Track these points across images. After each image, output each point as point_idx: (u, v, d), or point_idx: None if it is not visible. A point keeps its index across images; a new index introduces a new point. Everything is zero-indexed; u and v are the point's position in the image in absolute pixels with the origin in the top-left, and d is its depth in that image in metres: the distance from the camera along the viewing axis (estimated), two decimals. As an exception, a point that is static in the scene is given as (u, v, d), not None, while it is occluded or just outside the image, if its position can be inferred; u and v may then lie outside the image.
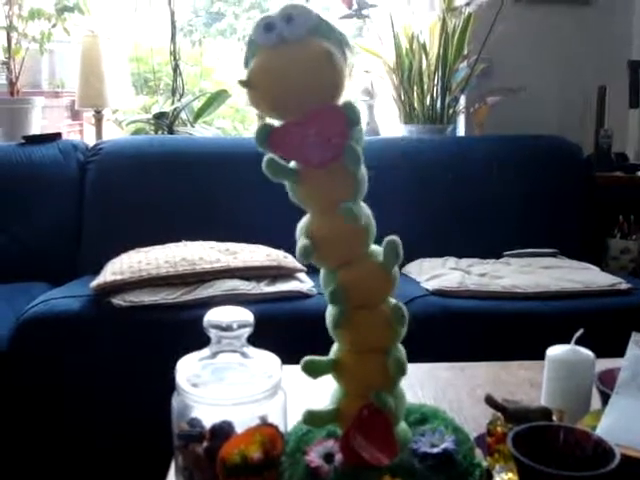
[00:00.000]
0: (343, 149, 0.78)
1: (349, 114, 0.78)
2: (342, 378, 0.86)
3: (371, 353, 0.84)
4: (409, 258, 2.32)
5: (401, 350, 0.86)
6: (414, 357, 0.95)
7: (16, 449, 1.87)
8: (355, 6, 2.68)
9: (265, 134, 0.79)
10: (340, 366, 0.85)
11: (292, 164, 0.81)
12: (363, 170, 0.81)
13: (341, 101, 0.79)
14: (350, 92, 0.80)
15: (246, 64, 0.79)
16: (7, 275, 2.27)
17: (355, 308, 0.83)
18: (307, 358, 0.85)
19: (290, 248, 2.11)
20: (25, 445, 1.87)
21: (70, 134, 3.80)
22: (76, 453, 1.90)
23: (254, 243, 2.20)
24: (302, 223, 0.84)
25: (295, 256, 0.82)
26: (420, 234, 2.36)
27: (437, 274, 2.15)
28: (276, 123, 0.80)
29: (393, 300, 0.85)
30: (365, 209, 0.83)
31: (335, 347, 0.87)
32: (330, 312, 0.84)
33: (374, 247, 0.84)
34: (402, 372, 0.84)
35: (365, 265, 0.83)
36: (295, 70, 0.76)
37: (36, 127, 2.84)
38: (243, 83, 0.77)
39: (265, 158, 0.80)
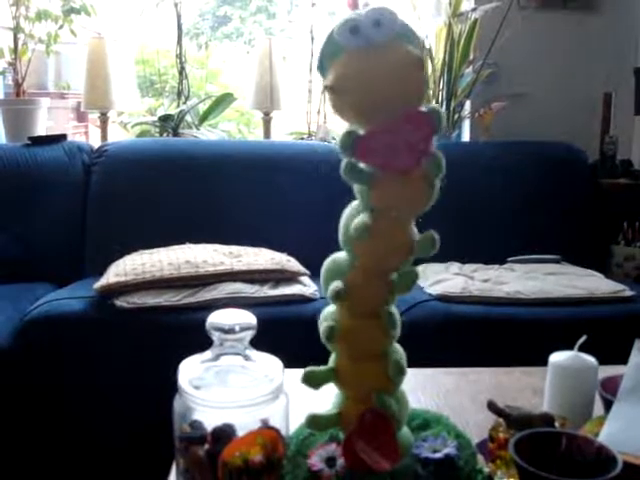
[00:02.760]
0: (427, 156, 0.77)
1: (435, 121, 0.77)
2: (343, 385, 0.86)
3: (369, 359, 0.84)
4: (413, 263, 2.32)
5: (399, 351, 0.86)
6: (417, 362, 0.95)
7: (17, 449, 1.87)
8: (360, 10, 2.68)
9: (351, 141, 0.76)
10: (340, 374, 0.85)
11: (368, 168, 0.79)
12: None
13: (424, 106, 0.78)
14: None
15: (321, 66, 0.77)
16: (11, 275, 2.28)
17: (347, 318, 0.82)
18: (307, 369, 0.85)
19: (294, 252, 2.13)
20: (27, 445, 1.87)
21: (75, 136, 3.82)
22: (77, 454, 1.90)
23: (258, 246, 2.20)
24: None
25: (298, 260, 0.81)
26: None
27: (441, 279, 2.14)
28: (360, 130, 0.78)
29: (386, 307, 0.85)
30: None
31: (333, 355, 0.87)
32: (322, 324, 0.84)
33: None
34: (402, 373, 0.83)
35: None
36: (385, 75, 0.74)
37: (42, 128, 2.85)
38: (328, 87, 0.75)
39: (344, 162, 0.78)
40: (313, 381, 0.84)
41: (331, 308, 0.84)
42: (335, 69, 0.75)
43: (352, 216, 0.82)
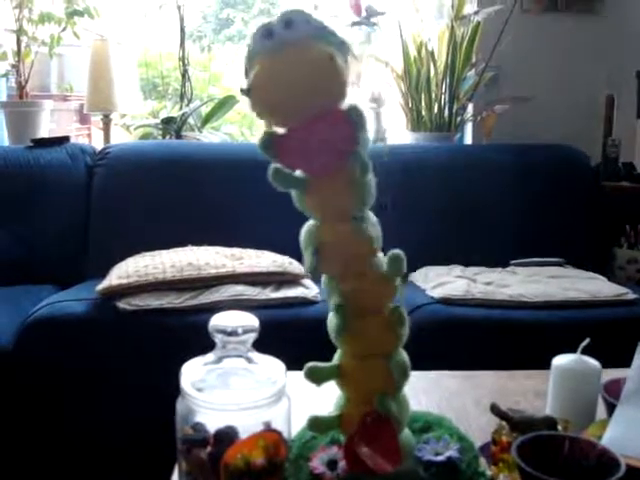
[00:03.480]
0: (349, 155, 0.77)
1: (354, 118, 0.77)
2: (346, 384, 0.86)
3: (374, 358, 0.84)
4: (415, 266, 2.32)
5: (404, 354, 0.86)
6: (419, 365, 0.95)
7: (18, 450, 1.87)
8: (364, 13, 2.69)
9: (269, 142, 0.77)
10: (344, 372, 0.85)
11: (298, 173, 0.80)
12: (371, 177, 0.80)
13: (344, 105, 0.78)
14: (357, 97, 0.79)
15: (247, 73, 0.78)
16: (14, 277, 2.28)
17: (357, 316, 0.82)
18: (310, 364, 0.84)
19: (296, 254, 2.13)
20: (27, 446, 1.87)
21: (78, 138, 3.81)
22: (79, 456, 1.90)
23: (260, 249, 2.21)
24: (306, 231, 0.83)
25: (301, 263, 0.81)
26: (426, 242, 2.36)
27: (443, 282, 2.14)
28: (280, 131, 0.79)
29: (392, 305, 0.84)
30: (372, 219, 0.83)
31: (338, 353, 0.87)
32: (332, 320, 0.84)
33: (379, 256, 0.84)
34: (405, 376, 0.83)
35: (369, 275, 0.82)
36: (296, 75, 0.75)
37: (44, 130, 2.85)
38: (244, 91, 0.76)
39: (271, 167, 0.78)
40: (316, 377, 0.84)
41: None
42: (251, 73, 0.76)
43: (306, 238, 0.82)
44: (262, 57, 0.76)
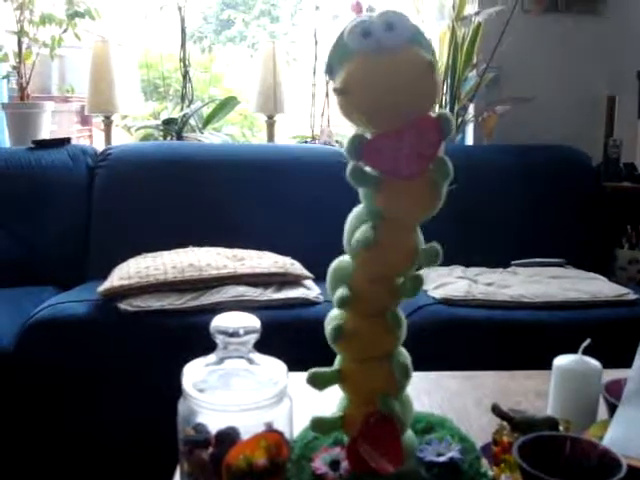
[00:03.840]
0: (434, 162, 0.77)
1: (444, 126, 0.76)
2: (348, 387, 0.86)
3: (375, 361, 0.84)
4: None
5: (404, 354, 0.86)
6: (420, 366, 0.95)
7: (19, 451, 1.87)
8: (365, 13, 2.69)
9: (358, 145, 0.76)
10: (345, 376, 0.85)
11: (375, 172, 0.78)
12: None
13: (434, 112, 0.77)
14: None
15: (330, 69, 0.77)
16: (15, 278, 2.28)
17: (353, 320, 0.82)
18: (312, 371, 0.84)
19: (297, 255, 2.13)
20: (28, 447, 1.87)
21: (79, 139, 3.82)
22: (80, 457, 1.90)
23: (261, 250, 2.21)
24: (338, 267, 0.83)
25: (301, 263, 0.81)
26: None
27: (444, 283, 2.14)
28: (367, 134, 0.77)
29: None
30: None
31: (339, 357, 0.87)
32: (329, 324, 0.84)
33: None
34: (407, 376, 0.83)
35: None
36: (397, 79, 0.73)
37: (45, 132, 2.86)
38: (338, 90, 0.74)
39: (350, 166, 0.77)
40: (318, 382, 0.84)
41: (337, 310, 0.84)
42: (345, 72, 0.75)
43: (356, 221, 0.82)
44: (358, 57, 0.75)
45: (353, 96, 0.75)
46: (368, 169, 0.78)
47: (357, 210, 0.83)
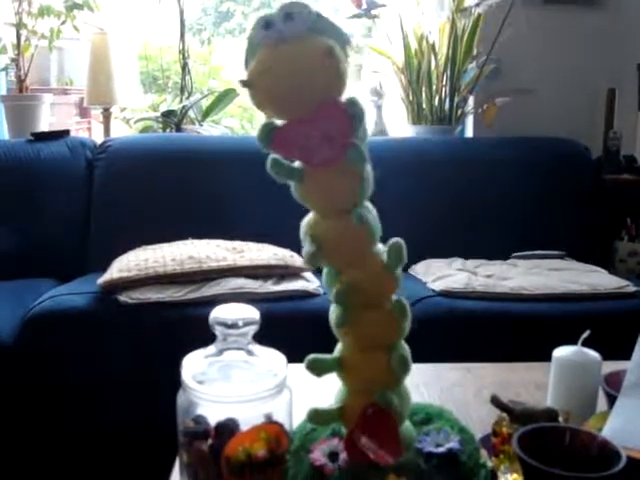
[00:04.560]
0: (348, 148, 0.77)
1: (352, 111, 0.77)
2: (347, 376, 0.86)
3: (375, 351, 0.84)
4: (416, 259, 2.32)
5: (405, 347, 0.86)
6: (420, 357, 0.95)
7: (21, 444, 1.88)
8: (364, 6, 2.68)
9: (268, 134, 0.77)
10: (345, 364, 0.85)
11: (297, 164, 0.80)
12: (369, 169, 0.81)
13: (343, 98, 0.78)
14: (358, 90, 0.79)
15: (246, 64, 0.78)
16: (14, 271, 2.28)
17: (358, 307, 0.82)
18: (311, 356, 0.84)
19: (297, 247, 2.13)
20: (29, 440, 1.87)
21: (78, 131, 3.81)
22: (81, 449, 1.91)
23: (261, 242, 2.21)
24: (305, 223, 0.83)
25: (302, 255, 0.81)
26: (427, 235, 2.35)
27: (444, 275, 2.14)
28: (279, 123, 0.79)
29: (395, 297, 0.85)
30: (371, 210, 0.83)
31: (339, 345, 0.87)
32: (333, 311, 0.84)
33: (379, 247, 0.84)
34: (406, 369, 0.83)
35: (369, 266, 0.82)
36: (296, 68, 0.75)
37: (44, 124, 2.85)
38: (244, 83, 0.76)
39: (269, 158, 0.79)
40: (317, 369, 0.84)
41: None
42: (251, 65, 0.77)
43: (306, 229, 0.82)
44: (261, 49, 0.76)
45: (258, 87, 0.76)
46: (297, 163, 0.80)
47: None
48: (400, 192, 2.33)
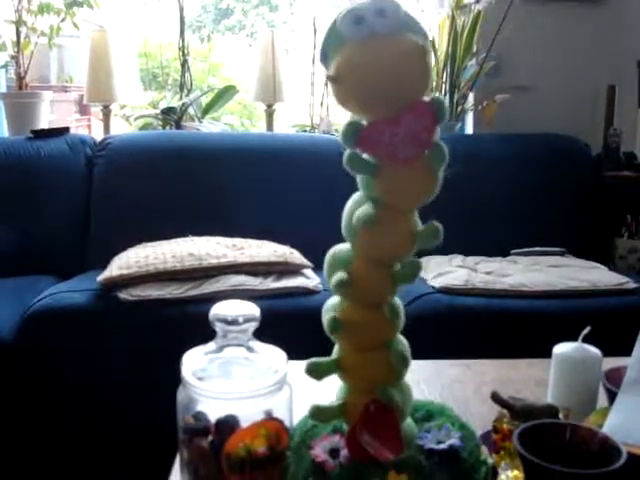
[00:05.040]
0: (430, 147, 0.77)
1: (438, 111, 0.77)
2: (346, 376, 0.86)
3: (373, 349, 0.84)
4: (416, 254, 2.31)
5: (403, 342, 0.86)
6: (420, 354, 0.95)
7: (20, 442, 1.88)
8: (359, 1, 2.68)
9: (354, 132, 0.76)
10: (344, 365, 0.85)
11: (371, 158, 0.79)
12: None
13: (428, 97, 0.77)
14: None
15: (324, 57, 0.76)
16: (14, 268, 2.28)
17: (350, 311, 0.82)
18: (310, 360, 0.84)
19: (297, 244, 2.13)
20: (29, 438, 1.87)
21: (78, 129, 3.82)
22: (81, 446, 1.91)
23: (261, 239, 2.20)
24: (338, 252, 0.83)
25: (301, 253, 0.81)
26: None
27: (443, 272, 2.14)
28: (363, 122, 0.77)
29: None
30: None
31: (337, 347, 0.87)
32: (326, 313, 0.84)
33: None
34: (405, 364, 0.83)
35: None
36: (389, 66, 0.73)
37: (44, 121, 2.85)
38: (331, 78, 0.74)
39: (347, 153, 0.77)
40: (317, 372, 0.84)
41: (334, 300, 0.84)
42: (338, 59, 0.74)
43: (355, 208, 0.81)
44: (352, 44, 0.74)
45: (346, 83, 0.74)
46: (365, 156, 0.78)
47: (355, 197, 0.83)
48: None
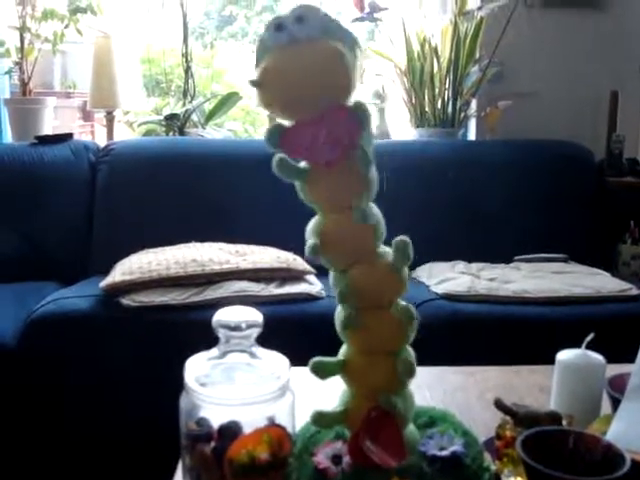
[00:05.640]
0: (353, 149, 0.78)
1: (359, 114, 0.78)
2: (351, 379, 0.86)
3: (380, 355, 0.84)
4: (418, 262, 2.31)
5: (410, 352, 0.86)
6: (423, 361, 0.95)
7: (22, 446, 1.87)
8: (367, 9, 2.68)
9: (276, 135, 0.79)
10: (349, 367, 0.85)
11: (302, 164, 0.81)
12: (373, 171, 0.81)
13: (351, 101, 0.79)
14: (360, 93, 0.80)
15: (257, 64, 0.79)
16: (18, 274, 2.28)
17: (364, 309, 0.82)
18: (316, 359, 0.84)
19: (300, 250, 2.13)
20: (31, 443, 1.87)
21: (82, 135, 3.82)
22: (83, 452, 1.91)
23: (263, 245, 2.20)
24: (311, 224, 0.84)
25: (304, 256, 0.82)
26: (430, 238, 2.35)
27: (446, 278, 2.14)
28: (286, 123, 0.80)
29: (402, 302, 0.85)
30: (374, 209, 0.83)
31: (344, 348, 0.87)
32: (339, 313, 0.84)
33: (384, 248, 0.84)
34: (411, 374, 0.83)
35: (375, 265, 0.82)
36: (306, 70, 0.76)
37: (48, 127, 2.86)
38: (253, 83, 0.77)
39: (275, 158, 0.80)
40: (321, 371, 0.84)
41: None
42: (261, 65, 0.78)
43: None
44: (272, 50, 0.78)
45: (268, 88, 0.77)
46: (303, 163, 0.81)
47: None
48: (403, 195, 2.33)
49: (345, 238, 0.82)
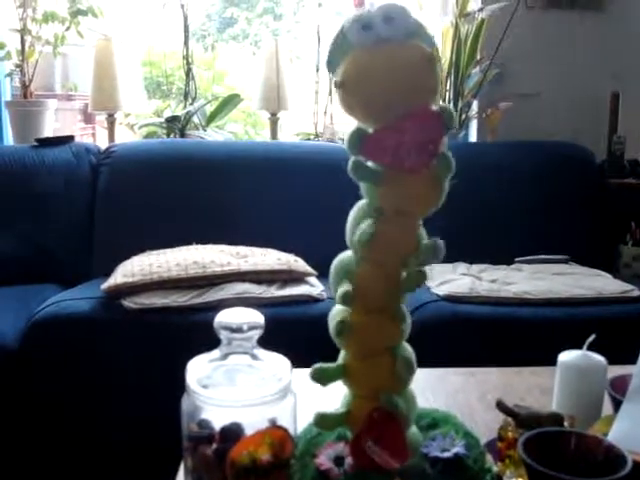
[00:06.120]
0: (436, 156, 0.76)
1: (446, 119, 0.76)
2: (352, 383, 0.86)
3: (378, 356, 0.84)
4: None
5: (408, 349, 0.85)
6: (425, 362, 0.95)
7: (23, 449, 1.87)
8: (366, 7, 2.68)
9: (358, 139, 0.76)
10: (349, 371, 0.85)
11: (376, 167, 0.78)
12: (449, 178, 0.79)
13: (434, 105, 0.77)
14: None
15: (332, 64, 0.76)
16: (19, 276, 2.28)
17: (357, 315, 0.82)
18: (316, 366, 0.84)
19: (300, 252, 2.13)
20: (32, 445, 1.87)
21: (83, 137, 3.83)
22: (86, 454, 1.91)
23: (265, 247, 2.20)
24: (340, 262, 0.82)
25: (305, 261, 0.81)
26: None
27: (448, 280, 2.14)
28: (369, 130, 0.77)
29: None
30: None
31: (342, 353, 0.87)
32: (332, 319, 0.84)
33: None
34: (411, 371, 0.83)
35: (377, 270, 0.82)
36: (397, 72, 0.73)
37: (49, 130, 2.86)
38: (338, 84, 0.74)
39: (351, 160, 0.77)
40: (322, 378, 0.84)
41: (341, 305, 0.84)
42: (345, 66, 0.74)
43: (359, 216, 0.81)
44: (359, 50, 0.74)
45: (352, 89, 0.74)
46: (370, 164, 0.78)
47: (359, 205, 0.83)
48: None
49: (400, 244, 0.81)
